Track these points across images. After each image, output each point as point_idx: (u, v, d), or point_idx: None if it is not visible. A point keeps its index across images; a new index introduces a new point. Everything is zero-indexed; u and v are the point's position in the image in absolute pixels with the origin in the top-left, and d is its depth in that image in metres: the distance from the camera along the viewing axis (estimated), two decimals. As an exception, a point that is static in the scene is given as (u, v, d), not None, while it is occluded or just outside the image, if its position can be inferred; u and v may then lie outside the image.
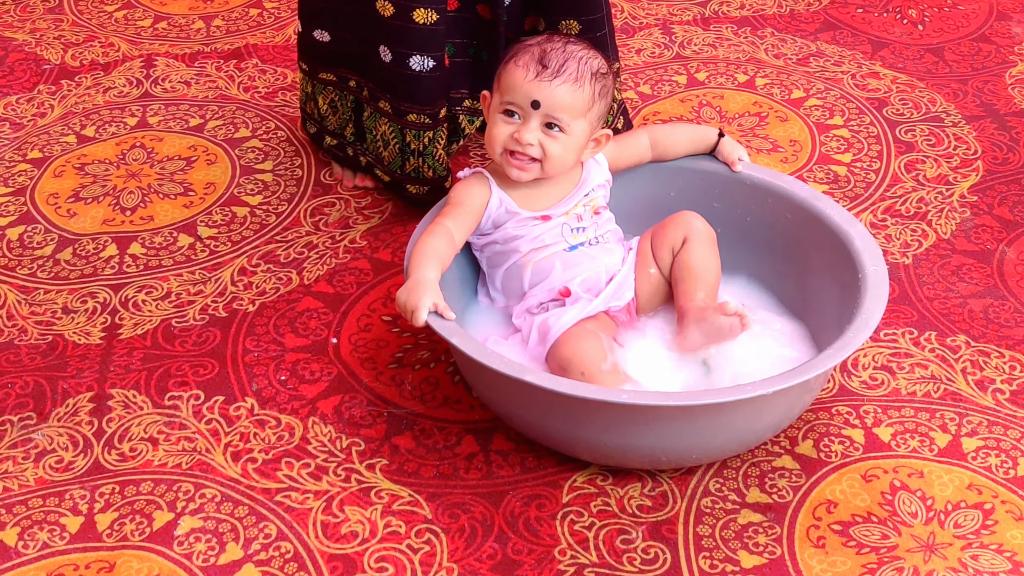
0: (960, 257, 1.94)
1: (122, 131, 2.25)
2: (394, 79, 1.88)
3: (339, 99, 2.03)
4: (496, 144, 1.65)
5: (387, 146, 1.96)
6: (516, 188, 1.69)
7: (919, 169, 2.13)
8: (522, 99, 1.62)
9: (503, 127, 1.65)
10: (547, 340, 1.63)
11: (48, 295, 1.89)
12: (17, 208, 2.07)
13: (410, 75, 1.87)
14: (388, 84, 1.90)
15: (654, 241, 1.72)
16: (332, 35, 1.97)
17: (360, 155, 2.03)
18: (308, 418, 1.68)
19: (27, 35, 2.55)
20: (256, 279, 1.91)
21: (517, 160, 1.65)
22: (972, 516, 1.54)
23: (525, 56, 1.64)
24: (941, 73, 2.38)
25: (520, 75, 1.62)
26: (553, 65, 1.62)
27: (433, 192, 1.96)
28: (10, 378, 1.75)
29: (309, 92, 2.07)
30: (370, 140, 1.99)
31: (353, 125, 2.04)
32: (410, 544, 1.51)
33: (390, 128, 1.94)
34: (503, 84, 1.65)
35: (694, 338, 1.62)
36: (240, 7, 2.63)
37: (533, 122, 1.63)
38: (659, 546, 1.51)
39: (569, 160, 1.66)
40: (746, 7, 2.60)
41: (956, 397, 1.70)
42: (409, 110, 1.90)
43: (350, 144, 2.05)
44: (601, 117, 1.67)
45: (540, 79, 1.61)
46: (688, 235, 1.69)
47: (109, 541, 1.52)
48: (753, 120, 2.25)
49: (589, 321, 1.65)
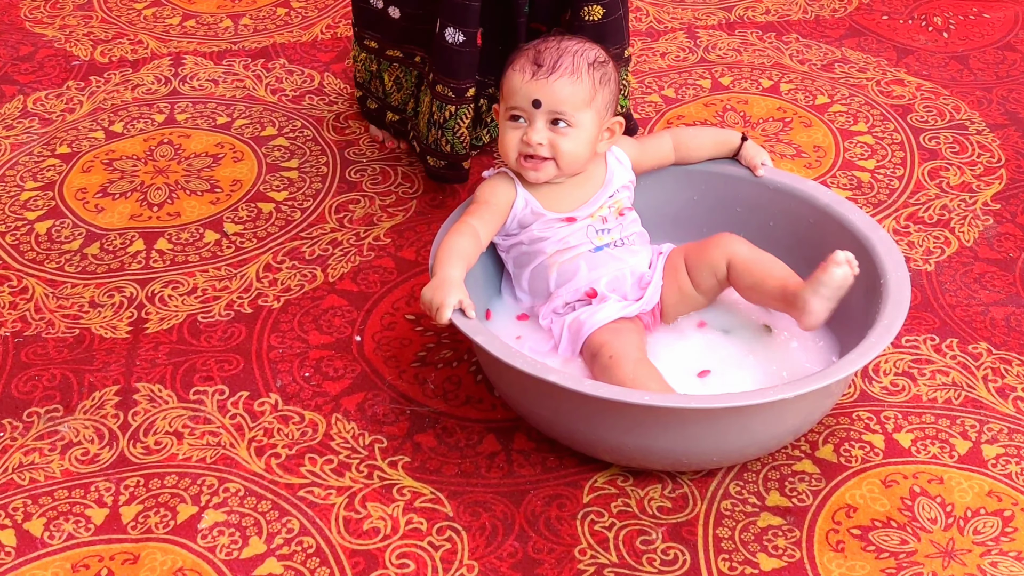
0: (982, 265, 1.94)
1: (150, 127, 2.27)
2: (436, 50, 1.95)
3: (404, 75, 2.10)
4: (509, 151, 1.67)
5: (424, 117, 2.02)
6: (541, 189, 1.70)
7: (942, 176, 2.13)
8: (523, 101, 1.64)
9: (512, 133, 1.66)
10: (581, 335, 1.64)
11: (75, 289, 1.91)
12: (46, 202, 2.09)
13: (444, 47, 1.93)
14: (434, 56, 1.96)
15: (691, 258, 1.70)
16: (402, 12, 2.03)
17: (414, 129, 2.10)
18: (332, 415, 1.69)
19: (57, 31, 2.57)
20: (281, 275, 1.93)
21: (531, 162, 1.66)
22: (991, 523, 1.54)
23: (521, 59, 1.66)
24: (966, 81, 2.39)
25: (518, 78, 1.64)
26: (548, 62, 1.63)
27: (450, 168, 2.01)
28: (37, 371, 1.77)
29: (374, 71, 2.13)
30: (420, 113, 2.05)
31: (415, 100, 2.10)
32: (431, 541, 1.52)
33: (430, 100, 1.99)
34: (504, 91, 1.67)
35: (818, 306, 1.58)
36: (268, 6, 2.64)
37: (539, 122, 1.64)
38: (678, 547, 1.51)
39: (583, 153, 1.67)
40: (771, 12, 2.61)
41: (977, 404, 1.71)
42: (438, 81, 1.96)
43: (410, 119, 2.11)
44: (609, 105, 1.68)
45: (537, 78, 1.63)
46: (732, 257, 1.67)
47: (133, 533, 1.54)
48: (777, 125, 2.26)
49: (623, 321, 1.66)
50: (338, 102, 2.33)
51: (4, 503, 1.57)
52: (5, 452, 1.64)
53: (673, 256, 1.73)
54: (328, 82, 2.39)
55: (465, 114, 1.96)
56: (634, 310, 1.67)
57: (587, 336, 1.64)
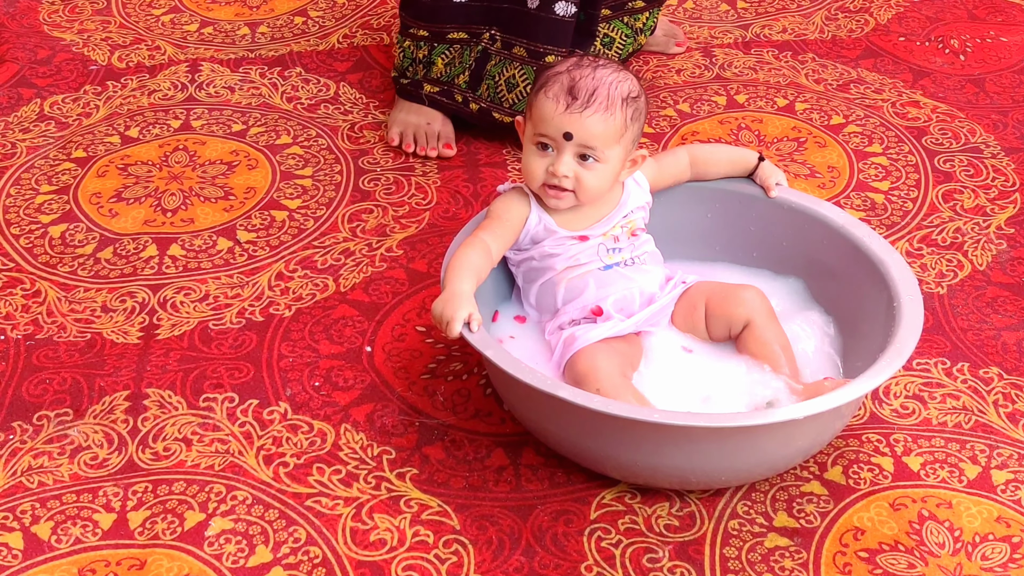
0: (995, 289, 1.94)
1: (166, 133, 2.28)
2: (537, 23, 2.12)
3: (459, 53, 2.20)
4: (535, 177, 1.66)
5: (512, 88, 2.16)
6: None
7: (956, 199, 2.13)
8: (554, 132, 1.63)
9: (538, 160, 1.65)
10: (567, 352, 1.64)
11: (88, 293, 1.92)
12: (60, 206, 2.10)
13: (554, 19, 2.11)
14: (529, 30, 2.13)
15: (713, 305, 1.69)
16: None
17: (472, 102, 2.20)
18: (340, 425, 1.69)
19: (75, 36, 2.58)
20: (293, 284, 1.93)
21: (554, 191, 1.66)
22: (1000, 549, 1.54)
23: (555, 86, 1.63)
24: (982, 104, 2.38)
25: (551, 108, 1.62)
26: (583, 96, 1.61)
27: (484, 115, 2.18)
28: (48, 374, 1.77)
29: (424, 56, 2.22)
30: (488, 87, 2.19)
31: (470, 74, 2.20)
32: (437, 554, 1.52)
33: (521, 71, 2.15)
34: (535, 115, 1.65)
35: None
36: (285, 15, 2.65)
37: (566, 155, 1.63)
38: (685, 566, 1.51)
39: (605, 187, 1.67)
40: (788, 31, 2.61)
41: (987, 429, 1.70)
42: (547, 52, 2.13)
43: (460, 91, 2.21)
44: (636, 139, 1.68)
45: (571, 111, 1.61)
46: (751, 317, 1.67)
47: (140, 539, 1.54)
48: (791, 145, 2.26)
49: (617, 341, 1.66)
50: (353, 111, 2.34)
51: (12, 506, 1.58)
52: (14, 455, 1.65)
53: (694, 293, 1.72)
54: (344, 91, 2.39)
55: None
56: (630, 324, 1.67)
57: (572, 354, 1.63)
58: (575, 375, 1.61)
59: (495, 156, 2.22)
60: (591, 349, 1.62)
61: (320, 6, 2.68)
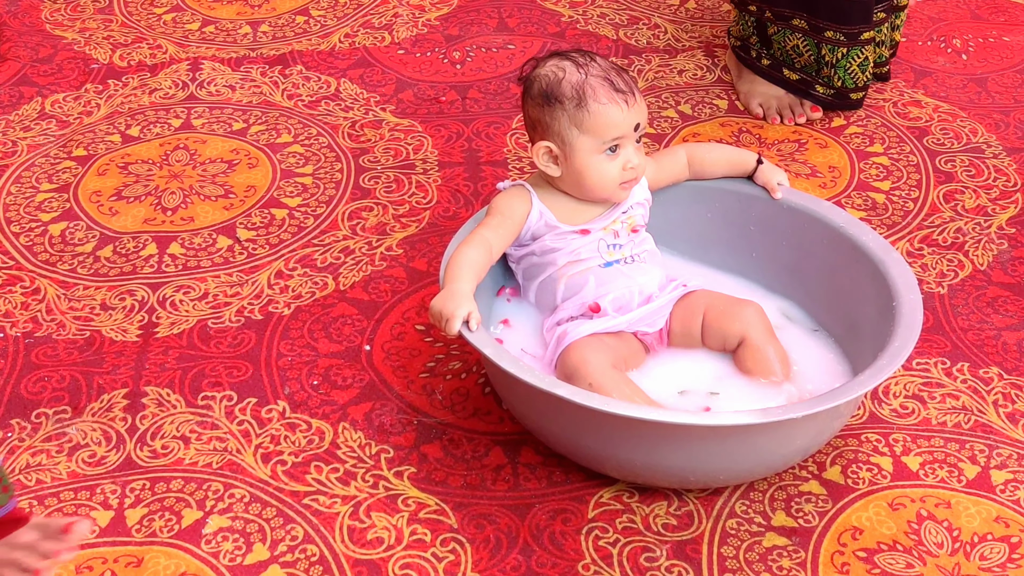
0: (996, 289, 1.94)
1: (166, 132, 2.28)
2: (835, 4, 2.21)
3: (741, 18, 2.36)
4: (610, 182, 1.67)
5: (800, 55, 2.28)
6: (556, 202, 1.70)
7: (958, 199, 2.12)
8: (627, 128, 1.65)
9: (610, 165, 1.66)
10: (559, 348, 1.64)
11: (87, 291, 1.92)
12: (60, 204, 2.10)
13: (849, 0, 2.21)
14: (809, 5, 2.23)
15: (711, 316, 1.69)
16: None
17: (763, 58, 2.33)
18: (339, 423, 1.69)
19: (76, 34, 2.58)
20: (292, 283, 1.93)
21: (629, 183, 1.69)
22: (998, 549, 1.53)
23: (601, 92, 1.63)
24: (983, 104, 2.38)
25: (615, 111, 1.63)
26: (623, 86, 1.65)
27: (838, 98, 2.29)
28: (47, 372, 1.77)
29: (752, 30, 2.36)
30: (777, 48, 2.31)
31: (756, 36, 2.34)
32: (435, 552, 1.52)
33: (804, 42, 2.26)
34: (596, 126, 1.63)
35: None
36: (287, 14, 2.65)
37: (630, 145, 1.67)
38: (683, 565, 1.51)
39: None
40: (790, 31, 2.60)
41: (987, 429, 1.70)
42: (827, 28, 2.23)
43: (755, 48, 2.34)
44: None
45: (631, 105, 1.64)
46: (746, 333, 1.66)
47: (138, 536, 1.54)
48: (792, 146, 2.25)
49: (609, 336, 1.65)
50: (354, 108, 2.33)
51: (10, 503, 1.58)
52: (13, 453, 1.65)
53: (694, 300, 1.71)
54: (344, 88, 2.39)
55: (858, 54, 2.24)
56: (622, 322, 1.67)
57: (564, 347, 1.63)
58: (566, 370, 1.61)
59: (496, 155, 2.22)
60: (581, 343, 1.62)
61: (322, 5, 2.68)
